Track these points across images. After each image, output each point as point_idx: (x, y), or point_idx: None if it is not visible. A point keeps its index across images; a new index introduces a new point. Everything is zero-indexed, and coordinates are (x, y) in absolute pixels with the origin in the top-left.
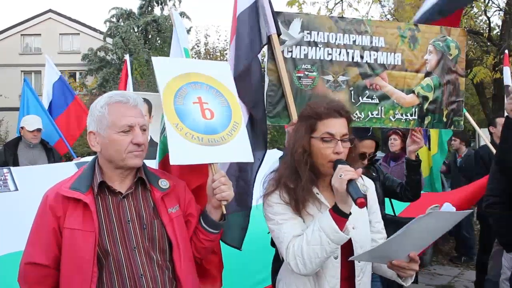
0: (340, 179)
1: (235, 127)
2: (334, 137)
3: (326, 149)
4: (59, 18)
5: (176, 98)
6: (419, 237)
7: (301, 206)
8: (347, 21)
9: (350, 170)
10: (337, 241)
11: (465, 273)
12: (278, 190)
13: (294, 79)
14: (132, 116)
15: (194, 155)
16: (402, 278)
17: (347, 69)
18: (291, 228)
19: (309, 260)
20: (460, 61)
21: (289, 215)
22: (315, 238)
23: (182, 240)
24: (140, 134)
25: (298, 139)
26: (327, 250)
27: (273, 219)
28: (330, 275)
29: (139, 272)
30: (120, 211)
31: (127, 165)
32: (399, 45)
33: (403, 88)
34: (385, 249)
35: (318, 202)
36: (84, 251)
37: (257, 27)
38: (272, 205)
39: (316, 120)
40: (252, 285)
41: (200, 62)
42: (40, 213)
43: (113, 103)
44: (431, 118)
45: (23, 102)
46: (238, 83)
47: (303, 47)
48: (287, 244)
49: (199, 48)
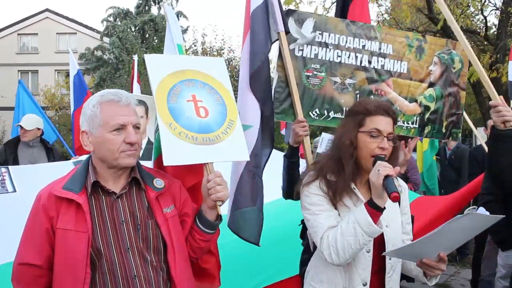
0: (377, 174)
1: (230, 125)
2: (381, 133)
3: (372, 144)
4: (56, 17)
5: (169, 96)
6: (451, 238)
7: (338, 198)
8: (358, 26)
9: (388, 166)
10: (370, 233)
11: (461, 272)
12: (318, 181)
13: (303, 77)
14: (124, 115)
15: (188, 155)
16: (427, 277)
17: (355, 72)
18: (326, 219)
19: (343, 251)
20: (462, 75)
21: (325, 206)
22: (349, 229)
23: (177, 241)
24: (133, 133)
25: (346, 132)
26: (360, 242)
27: (310, 209)
28: (362, 268)
29: (133, 273)
30: (114, 212)
31: (120, 164)
32: (406, 53)
33: (406, 96)
34: (418, 247)
35: (354, 196)
36: (77, 251)
37: (268, 24)
38: (310, 196)
39: (366, 116)
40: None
41: (195, 59)
42: (33, 213)
43: (105, 101)
44: (431, 128)
45: (18, 103)
46: (253, 79)
47: (314, 47)
48: (322, 234)
49: (196, 48)
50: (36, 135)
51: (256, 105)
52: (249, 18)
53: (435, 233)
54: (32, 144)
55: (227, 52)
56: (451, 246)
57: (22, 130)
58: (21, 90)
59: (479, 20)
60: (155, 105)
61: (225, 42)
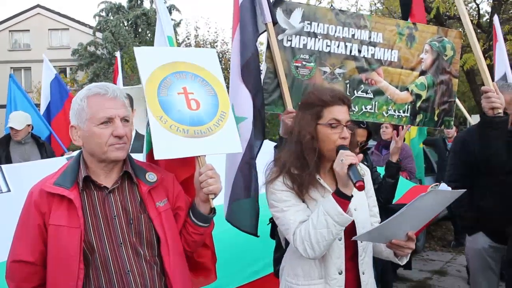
0: (341, 164)
1: (222, 117)
2: (341, 123)
3: (333, 135)
4: (47, 13)
5: (160, 89)
6: (417, 216)
7: (304, 191)
8: (347, 15)
9: (351, 155)
10: (342, 222)
11: (458, 258)
12: (282, 177)
13: (291, 68)
14: (111, 108)
15: (179, 148)
16: (398, 257)
17: (344, 62)
18: (296, 215)
19: (317, 244)
20: (454, 62)
21: (292, 201)
22: (321, 222)
23: (171, 234)
24: (120, 126)
25: (305, 126)
26: (333, 232)
27: (278, 206)
28: (336, 256)
29: (126, 267)
30: (106, 207)
31: (109, 158)
32: (396, 42)
33: (397, 84)
34: (386, 228)
35: (321, 187)
36: (69, 247)
37: (256, 16)
38: (276, 192)
39: (323, 107)
40: (246, 276)
41: (185, 51)
42: (25, 210)
43: (92, 95)
44: (422, 116)
45: (10, 99)
46: (245, 71)
47: (302, 37)
48: (294, 230)
49: (189, 41)
50: (27, 131)
51: (248, 97)
52: (238, 9)
53: (401, 213)
54: (24, 141)
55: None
56: (418, 224)
57: (13, 131)
58: (12, 85)
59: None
60: (145, 98)
61: (218, 35)
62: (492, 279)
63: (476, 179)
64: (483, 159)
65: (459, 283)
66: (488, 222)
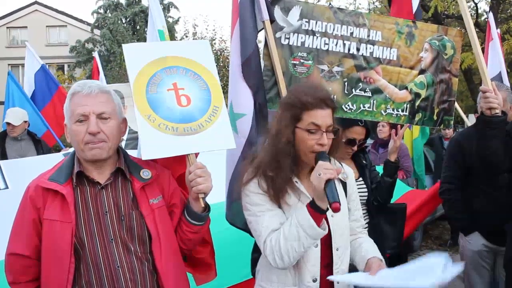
0: (318, 178)
1: (214, 112)
2: (320, 128)
3: (310, 140)
4: (45, 10)
5: (148, 86)
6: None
7: (280, 195)
8: (345, 13)
9: (330, 168)
10: (314, 236)
11: (454, 257)
12: (257, 179)
13: (289, 66)
14: (85, 105)
15: (167, 147)
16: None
17: (343, 60)
18: (268, 221)
19: (287, 255)
20: (454, 61)
21: (267, 206)
22: (292, 233)
23: (164, 232)
24: (93, 123)
25: (282, 128)
26: (304, 245)
27: (251, 210)
28: (311, 264)
29: (116, 263)
30: (98, 202)
31: (86, 156)
32: (395, 40)
33: (396, 83)
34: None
35: (298, 191)
36: (61, 242)
37: (254, 13)
38: (250, 195)
39: (302, 110)
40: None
41: (176, 44)
42: (21, 205)
43: (72, 93)
44: (421, 115)
45: (8, 95)
46: (245, 67)
47: (300, 35)
48: (264, 238)
49: (187, 39)
50: (24, 128)
51: (248, 93)
52: (237, 6)
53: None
54: (20, 137)
55: (219, 42)
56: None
57: (10, 126)
58: (10, 82)
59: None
60: (133, 97)
61: (216, 33)
62: (485, 276)
63: (470, 180)
64: (481, 158)
65: (455, 281)
66: (483, 222)
